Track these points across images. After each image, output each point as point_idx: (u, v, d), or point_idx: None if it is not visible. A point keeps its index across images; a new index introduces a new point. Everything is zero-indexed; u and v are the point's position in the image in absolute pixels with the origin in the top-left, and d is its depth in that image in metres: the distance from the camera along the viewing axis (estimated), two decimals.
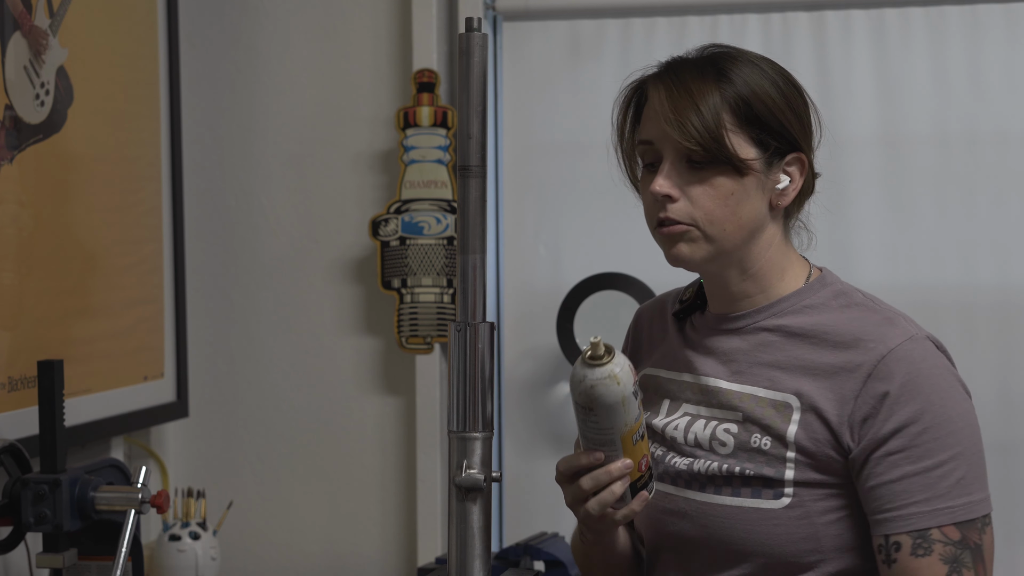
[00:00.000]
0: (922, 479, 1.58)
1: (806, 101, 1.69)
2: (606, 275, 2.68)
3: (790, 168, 1.66)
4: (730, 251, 1.66)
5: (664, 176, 1.64)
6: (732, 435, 1.66)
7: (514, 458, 2.81)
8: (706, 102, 1.62)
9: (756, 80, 1.64)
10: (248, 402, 2.87)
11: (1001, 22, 2.60)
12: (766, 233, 1.67)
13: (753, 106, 1.63)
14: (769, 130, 1.64)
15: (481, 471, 1.50)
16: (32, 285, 2.24)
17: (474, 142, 1.51)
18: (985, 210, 2.61)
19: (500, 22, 2.80)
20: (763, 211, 1.66)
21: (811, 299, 1.68)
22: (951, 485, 1.59)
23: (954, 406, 1.61)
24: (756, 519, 1.63)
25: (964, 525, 1.59)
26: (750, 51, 1.69)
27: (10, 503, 1.98)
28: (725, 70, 1.64)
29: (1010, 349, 2.60)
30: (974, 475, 1.61)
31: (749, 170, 1.63)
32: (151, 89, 2.62)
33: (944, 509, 1.58)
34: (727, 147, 1.61)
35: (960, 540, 1.59)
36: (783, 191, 1.66)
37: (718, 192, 1.63)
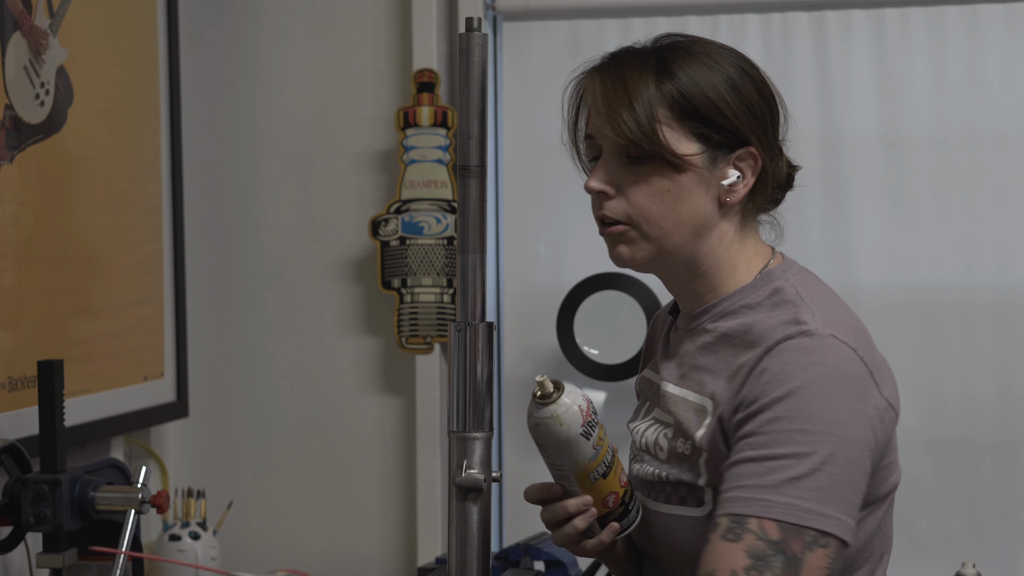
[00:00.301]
0: (754, 466, 1.46)
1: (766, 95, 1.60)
2: (606, 275, 2.68)
3: (741, 163, 1.58)
4: (672, 250, 1.59)
5: (599, 172, 1.59)
6: (668, 440, 1.61)
7: (514, 458, 2.81)
8: (640, 96, 1.55)
9: (702, 73, 1.56)
10: (248, 402, 2.87)
11: (1001, 22, 2.60)
12: (716, 231, 1.59)
13: (693, 100, 1.55)
14: (712, 124, 1.56)
15: (481, 471, 1.50)
16: (32, 285, 2.24)
17: (474, 142, 1.51)
18: (985, 210, 2.61)
19: (500, 22, 2.80)
20: (708, 208, 1.58)
21: (749, 298, 1.59)
22: (781, 481, 1.44)
23: (824, 407, 1.46)
24: (684, 527, 1.58)
25: (789, 529, 1.43)
26: (709, 42, 1.62)
27: (10, 503, 1.98)
28: (668, 63, 1.57)
29: (1010, 349, 2.60)
30: (817, 485, 1.44)
31: (688, 166, 1.55)
32: (151, 89, 2.62)
33: (761, 500, 1.44)
34: (661, 142, 1.54)
35: (778, 541, 1.43)
36: (732, 187, 1.57)
37: (653, 189, 1.56)
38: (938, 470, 2.63)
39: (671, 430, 1.61)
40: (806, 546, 1.44)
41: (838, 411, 1.47)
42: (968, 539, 2.60)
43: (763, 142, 1.58)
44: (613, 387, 2.73)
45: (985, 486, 2.61)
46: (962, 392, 2.61)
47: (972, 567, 2.26)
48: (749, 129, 1.57)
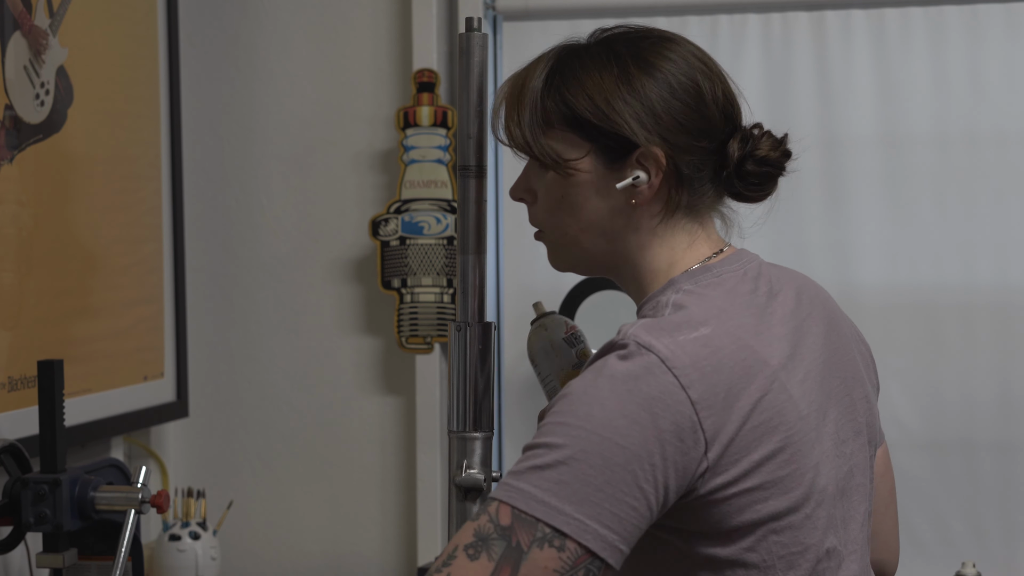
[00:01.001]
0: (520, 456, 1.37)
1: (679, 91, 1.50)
2: None
3: (646, 163, 1.47)
4: (588, 256, 1.53)
5: (517, 180, 1.56)
6: None
7: (514, 458, 2.81)
8: (527, 100, 1.51)
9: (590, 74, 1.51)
10: (248, 402, 2.87)
11: (1001, 22, 2.60)
12: (631, 235, 1.51)
13: (573, 106, 1.49)
14: (595, 128, 1.48)
15: (481, 471, 1.50)
16: (32, 285, 2.24)
17: (474, 142, 1.51)
18: (985, 210, 2.61)
19: (500, 22, 2.80)
20: (607, 212, 1.50)
21: (646, 310, 1.50)
22: (525, 468, 1.34)
23: (593, 407, 1.35)
24: None
25: (520, 518, 1.33)
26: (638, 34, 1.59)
27: (10, 503, 1.98)
28: (562, 65, 1.53)
29: (1010, 349, 2.60)
30: (563, 480, 1.33)
31: (574, 171, 1.48)
32: (151, 89, 2.62)
33: (505, 484, 1.35)
34: (544, 149, 1.49)
35: (506, 527, 1.33)
36: (636, 188, 1.47)
37: (552, 196, 1.51)
38: (938, 470, 2.63)
39: None
40: (535, 541, 1.33)
41: (610, 415, 1.34)
42: (968, 539, 2.60)
43: (672, 141, 1.48)
44: None
45: (985, 486, 2.61)
46: (962, 392, 2.61)
47: (972, 567, 2.26)
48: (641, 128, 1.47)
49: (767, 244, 2.67)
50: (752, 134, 1.52)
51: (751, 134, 1.52)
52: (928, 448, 2.63)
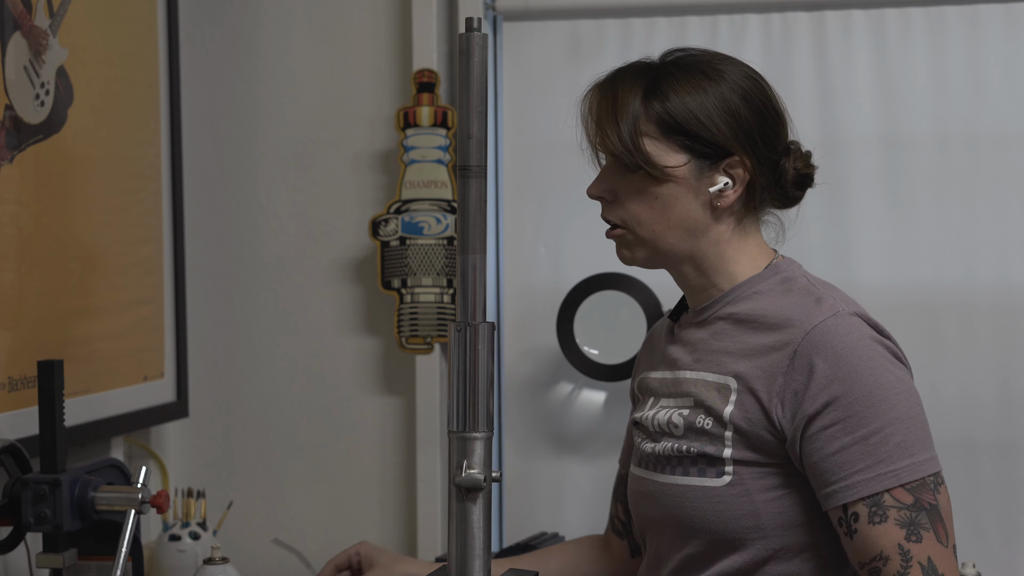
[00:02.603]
0: (861, 447, 1.63)
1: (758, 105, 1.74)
2: (606, 275, 2.68)
3: (732, 170, 1.73)
4: (669, 250, 1.75)
5: (597, 179, 1.77)
6: (683, 417, 1.75)
7: (514, 458, 2.81)
8: (626, 113, 1.71)
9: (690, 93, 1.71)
10: (248, 402, 2.87)
11: (1001, 22, 2.60)
12: (712, 231, 1.75)
13: (677, 118, 1.70)
14: (696, 138, 1.71)
15: (481, 471, 1.50)
16: (32, 285, 2.24)
17: (474, 142, 1.51)
18: (985, 210, 2.61)
19: (500, 22, 2.80)
20: (698, 212, 1.73)
21: (760, 286, 1.76)
22: (891, 449, 1.63)
23: (883, 374, 1.65)
24: (701, 496, 1.71)
25: (915, 488, 1.63)
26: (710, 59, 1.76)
27: (10, 503, 1.98)
28: (659, 81, 1.72)
29: (1010, 349, 2.60)
30: (914, 437, 1.64)
31: (671, 177, 1.71)
32: (151, 89, 2.62)
33: (888, 473, 1.62)
34: (644, 156, 1.70)
35: (914, 503, 1.62)
36: (721, 193, 1.73)
37: (644, 197, 1.73)
38: None
39: (687, 409, 1.75)
40: (933, 492, 1.63)
41: (891, 372, 1.65)
42: (968, 539, 2.59)
43: (753, 151, 1.73)
44: (613, 387, 2.73)
45: (985, 486, 2.61)
46: (962, 392, 2.61)
47: (972, 567, 2.26)
48: (735, 142, 1.72)
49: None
50: (800, 149, 1.80)
51: (799, 149, 1.80)
52: None
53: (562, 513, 2.77)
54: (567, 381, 2.78)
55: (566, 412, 2.78)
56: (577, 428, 2.77)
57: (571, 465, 2.77)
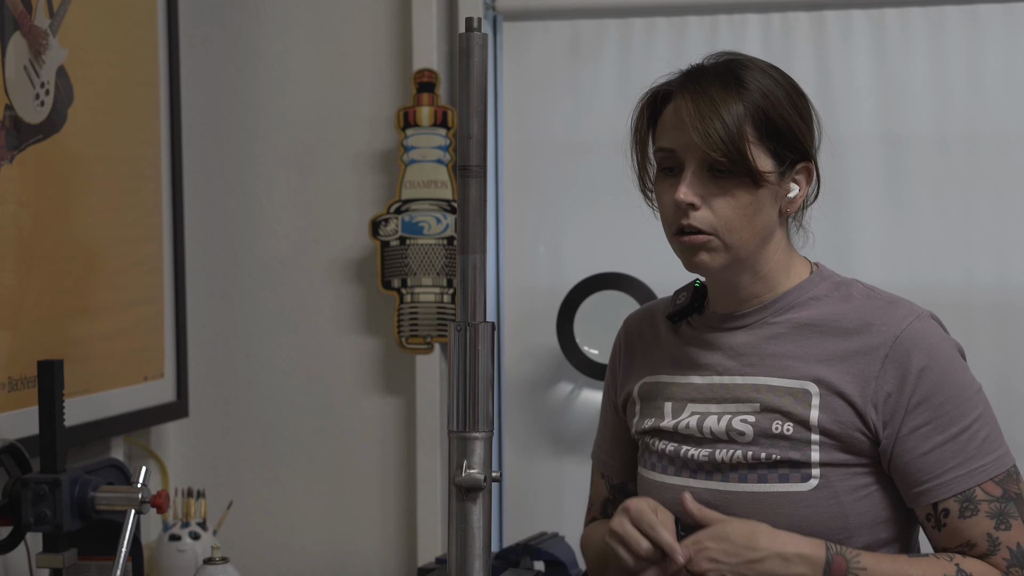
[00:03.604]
0: (952, 445, 1.68)
1: (811, 108, 1.76)
2: (606, 275, 2.68)
3: (799, 177, 1.75)
4: (744, 258, 1.74)
5: (687, 185, 1.70)
6: (751, 424, 1.73)
7: (514, 458, 2.81)
8: (730, 112, 1.68)
9: (772, 91, 1.71)
10: (248, 402, 2.87)
11: (1001, 22, 2.60)
12: (775, 238, 1.76)
13: (772, 118, 1.70)
14: (784, 142, 1.71)
15: (481, 471, 1.50)
16: (32, 285, 2.24)
17: (474, 142, 1.51)
18: (985, 210, 2.61)
19: (500, 22, 2.80)
20: (774, 219, 1.74)
21: (814, 291, 1.77)
22: (979, 445, 1.69)
23: (964, 373, 1.72)
24: (785, 502, 1.70)
25: (1003, 480, 1.69)
26: (760, 60, 1.76)
27: (10, 503, 1.98)
28: (744, 80, 1.71)
29: (1010, 349, 2.60)
30: (996, 432, 1.72)
31: (765, 182, 1.70)
32: (151, 89, 2.62)
33: (979, 468, 1.68)
34: (748, 159, 1.67)
35: (1002, 495, 1.69)
36: (792, 199, 1.75)
37: (738, 202, 1.70)
38: None
39: (754, 415, 1.73)
40: (1017, 481, 1.71)
41: (968, 371, 1.73)
42: None
43: (814, 156, 1.76)
44: None
45: None
46: None
47: None
48: (809, 144, 1.74)
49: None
50: None
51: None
52: None
53: (562, 513, 2.77)
54: (567, 381, 2.78)
55: (566, 412, 2.78)
56: (577, 428, 2.77)
57: (571, 465, 2.77)
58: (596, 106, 2.76)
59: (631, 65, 2.74)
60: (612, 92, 2.75)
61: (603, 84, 2.75)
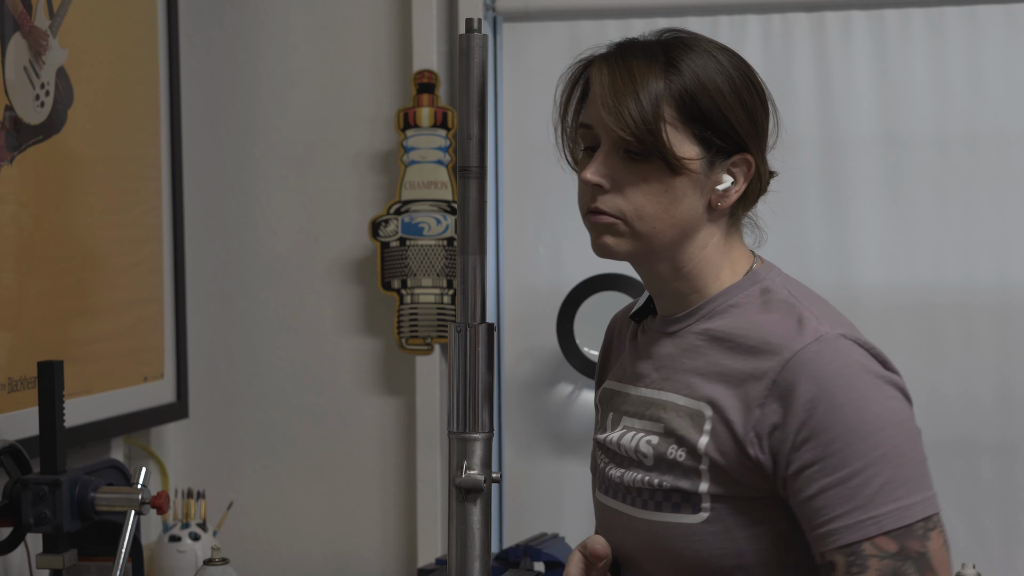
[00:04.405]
0: (840, 491, 1.45)
1: (763, 100, 1.58)
2: (606, 275, 2.68)
3: (735, 169, 1.57)
4: (659, 249, 1.57)
5: (598, 164, 1.57)
6: (652, 447, 1.58)
7: (514, 458, 2.81)
8: (647, 91, 1.52)
9: (708, 74, 1.54)
10: (248, 402, 2.87)
11: (1001, 22, 2.60)
12: (702, 233, 1.58)
13: (699, 101, 1.53)
14: (714, 128, 1.54)
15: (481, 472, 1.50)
16: (32, 285, 2.24)
17: (474, 142, 1.51)
18: (985, 210, 2.61)
19: (500, 23, 2.80)
20: (699, 211, 1.56)
21: (737, 297, 1.58)
22: (873, 492, 1.44)
23: (869, 406, 1.46)
24: (678, 535, 1.55)
25: (900, 534, 1.44)
26: (711, 41, 1.59)
27: (10, 504, 1.98)
28: (675, 60, 1.54)
29: (1010, 349, 2.60)
30: (903, 478, 1.46)
31: (685, 170, 1.53)
32: (151, 89, 2.62)
33: (869, 520, 1.44)
34: (663, 142, 1.52)
35: (898, 552, 1.44)
36: (724, 192, 1.57)
37: (651, 188, 1.55)
38: (938, 470, 2.59)
39: (657, 437, 1.58)
40: (921, 539, 1.45)
41: (880, 404, 1.47)
42: (968, 539, 2.60)
43: (758, 148, 1.57)
44: None
45: (985, 486, 2.61)
46: (962, 392, 2.61)
47: (972, 568, 2.26)
48: (748, 136, 1.56)
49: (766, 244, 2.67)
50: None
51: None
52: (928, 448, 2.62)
53: (562, 513, 2.77)
54: (567, 381, 2.78)
55: (566, 412, 2.78)
56: (577, 428, 2.77)
57: (571, 465, 2.77)
58: None
59: None
60: None
61: None
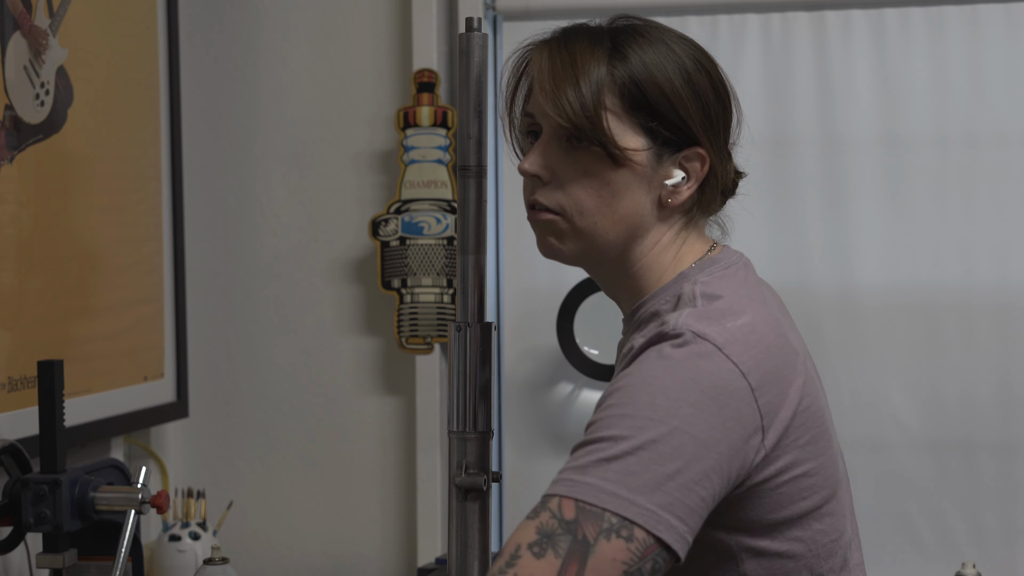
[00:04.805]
0: (579, 451, 1.33)
1: (721, 94, 1.49)
2: None
3: (687, 164, 1.47)
4: (604, 248, 1.49)
5: (536, 154, 1.49)
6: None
7: (514, 458, 2.81)
8: (588, 77, 1.44)
9: (657, 62, 1.44)
10: (248, 402, 2.87)
11: (1001, 22, 2.60)
12: (652, 232, 1.49)
13: (645, 90, 1.44)
14: (661, 119, 1.44)
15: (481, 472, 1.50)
16: (32, 285, 2.24)
17: (474, 142, 1.51)
18: (985, 210, 2.61)
19: (500, 22, 2.80)
20: (646, 208, 1.47)
21: (658, 304, 1.49)
22: (591, 462, 1.30)
23: (658, 397, 1.32)
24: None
25: (586, 510, 1.29)
26: (669, 29, 1.50)
27: (10, 503, 1.98)
28: (622, 45, 1.46)
29: (1010, 349, 2.60)
30: (631, 470, 1.29)
31: (629, 161, 1.44)
32: (151, 89, 2.62)
33: (567, 480, 1.31)
34: (604, 131, 1.43)
35: (571, 521, 1.29)
36: (675, 188, 1.47)
37: (591, 181, 1.46)
38: (938, 470, 2.63)
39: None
40: (602, 532, 1.28)
41: (677, 404, 1.31)
42: (968, 539, 2.60)
43: (713, 143, 1.47)
44: None
45: (985, 486, 2.61)
46: (962, 392, 2.61)
47: (972, 567, 2.26)
48: (700, 128, 1.46)
49: (766, 244, 2.68)
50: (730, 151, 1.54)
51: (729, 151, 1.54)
52: (928, 448, 2.63)
53: None
54: (567, 381, 2.78)
55: (566, 412, 2.78)
56: (577, 428, 2.76)
57: None
58: None
59: None
60: None
61: None
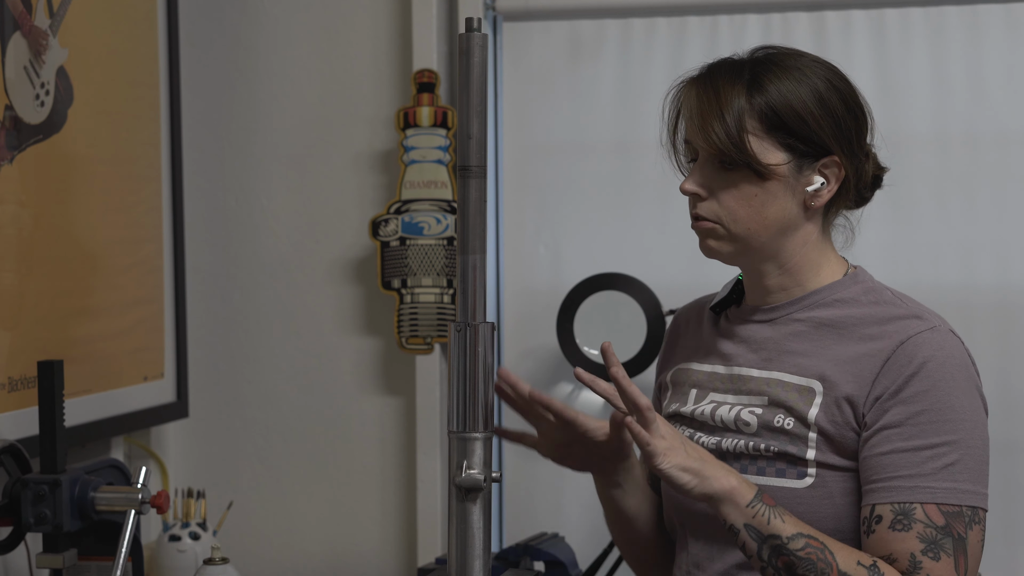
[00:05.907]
0: (910, 456, 1.64)
1: (852, 105, 1.76)
2: (606, 275, 2.68)
3: (826, 170, 1.74)
4: (759, 248, 1.75)
5: (693, 176, 1.75)
6: (756, 416, 1.75)
7: (514, 458, 2.81)
8: (730, 108, 1.69)
9: (790, 87, 1.71)
10: (248, 402, 2.87)
11: (1001, 22, 2.60)
12: (801, 231, 1.77)
13: (781, 114, 1.70)
14: (798, 136, 1.71)
15: (481, 471, 1.50)
16: (32, 285, 2.24)
17: (474, 142, 1.51)
18: (985, 210, 2.61)
19: (500, 22, 2.80)
20: (793, 211, 1.74)
21: (842, 293, 1.77)
22: (938, 468, 1.63)
23: (960, 397, 1.66)
24: (780, 498, 1.70)
25: (950, 513, 1.63)
26: (804, 54, 1.78)
27: (10, 503, 1.98)
28: (759, 76, 1.72)
29: (1010, 349, 2.60)
30: (967, 467, 1.64)
31: (773, 174, 1.71)
32: (151, 89, 2.62)
33: (925, 488, 1.63)
34: (748, 153, 1.69)
35: (944, 526, 1.62)
36: (816, 192, 1.74)
37: (742, 193, 1.72)
38: None
39: (761, 408, 1.75)
40: (966, 524, 1.63)
41: (969, 400, 1.67)
42: None
43: (846, 150, 1.74)
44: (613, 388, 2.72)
45: None
46: None
47: None
48: (833, 139, 1.73)
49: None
50: (873, 151, 1.82)
51: (872, 150, 1.82)
52: None
53: (562, 513, 2.77)
54: (567, 381, 2.78)
55: None
56: None
57: None
58: (596, 106, 2.75)
59: (631, 65, 2.74)
60: (612, 92, 2.75)
61: (603, 84, 2.75)
